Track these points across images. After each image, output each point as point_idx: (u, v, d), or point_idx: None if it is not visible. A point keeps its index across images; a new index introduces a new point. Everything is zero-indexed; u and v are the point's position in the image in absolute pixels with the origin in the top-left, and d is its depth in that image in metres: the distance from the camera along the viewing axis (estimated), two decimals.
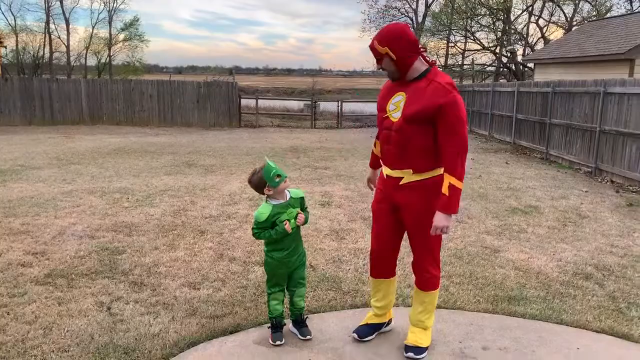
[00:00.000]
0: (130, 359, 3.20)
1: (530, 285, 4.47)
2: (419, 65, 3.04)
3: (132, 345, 3.33)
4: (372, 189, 3.59)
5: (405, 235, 3.31)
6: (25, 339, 3.38)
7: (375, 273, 3.41)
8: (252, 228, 3.30)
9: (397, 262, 3.47)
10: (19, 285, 4.24)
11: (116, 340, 3.38)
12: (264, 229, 3.25)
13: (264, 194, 3.27)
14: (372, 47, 3.06)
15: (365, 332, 3.44)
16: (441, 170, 3.04)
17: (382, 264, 3.37)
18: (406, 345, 3.28)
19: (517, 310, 3.96)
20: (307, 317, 3.52)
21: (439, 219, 2.98)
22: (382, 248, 3.34)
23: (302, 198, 3.39)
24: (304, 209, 3.39)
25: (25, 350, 3.25)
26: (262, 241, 3.41)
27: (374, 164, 3.63)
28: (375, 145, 3.58)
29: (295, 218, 3.26)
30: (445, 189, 2.94)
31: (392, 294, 3.48)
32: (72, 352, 3.23)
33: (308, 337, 3.40)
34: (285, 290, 3.44)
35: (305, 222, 3.34)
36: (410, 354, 3.21)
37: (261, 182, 3.21)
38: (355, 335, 3.42)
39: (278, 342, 3.32)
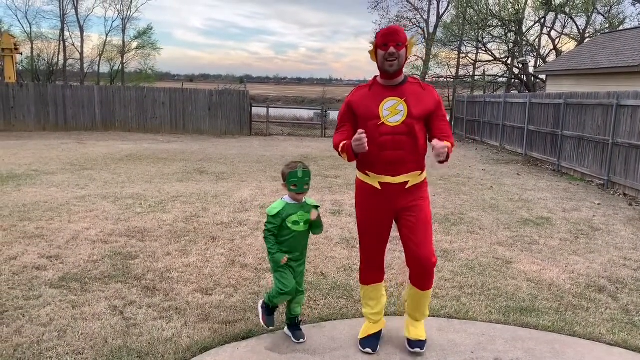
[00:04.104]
0: None
1: (542, 297, 4.44)
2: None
3: (145, 349, 3.36)
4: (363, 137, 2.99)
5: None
6: (40, 341, 3.42)
7: (371, 280, 3.46)
8: (265, 223, 3.35)
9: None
10: (34, 288, 4.29)
11: (130, 344, 3.41)
12: (274, 227, 3.30)
13: None
14: (400, 31, 3.11)
15: (375, 343, 3.45)
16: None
17: (376, 270, 3.46)
18: (410, 340, 3.41)
19: (529, 321, 3.94)
20: (300, 321, 3.60)
21: (442, 145, 2.98)
22: (379, 257, 3.43)
23: (316, 207, 3.43)
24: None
25: (41, 352, 3.29)
26: None
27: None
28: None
29: (309, 212, 3.34)
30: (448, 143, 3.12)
31: (384, 295, 3.58)
32: (86, 355, 3.26)
33: (301, 340, 3.48)
34: None
35: (317, 227, 3.40)
36: (417, 349, 3.37)
37: (283, 175, 3.34)
38: (369, 350, 3.39)
39: (271, 327, 3.47)
